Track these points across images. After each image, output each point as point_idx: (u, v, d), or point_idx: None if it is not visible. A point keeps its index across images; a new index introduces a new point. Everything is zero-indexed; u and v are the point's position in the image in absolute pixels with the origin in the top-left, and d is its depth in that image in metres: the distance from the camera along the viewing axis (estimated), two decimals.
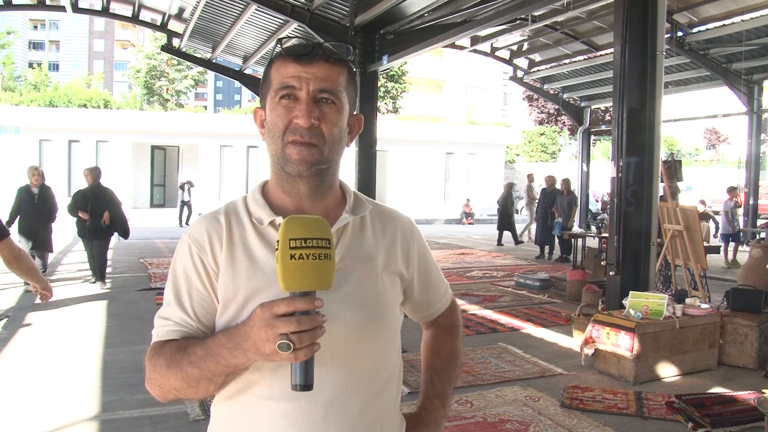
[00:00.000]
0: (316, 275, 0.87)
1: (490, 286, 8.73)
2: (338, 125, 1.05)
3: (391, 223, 1.16)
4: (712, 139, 47.80)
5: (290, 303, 0.86)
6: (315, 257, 0.87)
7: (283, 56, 1.05)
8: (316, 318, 0.86)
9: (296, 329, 0.84)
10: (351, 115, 1.10)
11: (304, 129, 1.01)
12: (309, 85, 1.02)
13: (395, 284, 1.12)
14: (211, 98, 66.56)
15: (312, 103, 1.02)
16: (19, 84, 39.75)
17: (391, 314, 1.09)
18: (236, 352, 0.91)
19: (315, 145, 1.02)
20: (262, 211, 1.07)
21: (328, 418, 1.00)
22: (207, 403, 3.87)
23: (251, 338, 0.88)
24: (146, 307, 6.86)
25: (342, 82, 1.05)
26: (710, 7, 10.66)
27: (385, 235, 1.13)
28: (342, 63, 1.06)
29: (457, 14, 9.84)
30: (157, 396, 1.02)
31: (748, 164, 14.25)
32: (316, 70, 1.03)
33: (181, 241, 1.08)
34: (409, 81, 32.01)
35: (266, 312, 0.86)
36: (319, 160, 1.03)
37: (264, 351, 0.87)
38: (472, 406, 3.99)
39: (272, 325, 0.85)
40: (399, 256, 1.14)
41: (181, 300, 1.04)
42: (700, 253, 6.45)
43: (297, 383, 0.88)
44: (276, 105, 1.04)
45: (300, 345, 0.84)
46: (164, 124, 22.58)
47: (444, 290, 1.29)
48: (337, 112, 1.04)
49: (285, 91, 1.03)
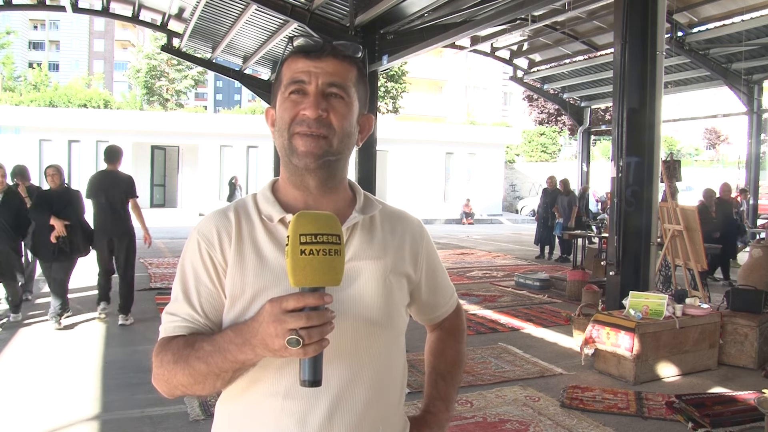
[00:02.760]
0: (326, 271, 0.87)
1: (490, 286, 8.73)
2: (347, 118, 1.05)
3: (401, 224, 1.16)
4: (712, 139, 47.77)
5: (299, 298, 0.86)
6: (325, 253, 0.87)
7: (293, 54, 1.06)
8: (326, 314, 0.86)
9: (305, 325, 0.84)
10: (361, 114, 1.10)
11: (311, 120, 1.01)
12: (318, 78, 1.03)
13: (402, 285, 1.12)
14: (211, 98, 66.54)
15: (320, 96, 1.03)
16: (19, 84, 39.71)
17: (397, 315, 1.10)
18: (245, 347, 0.91)
19: (324, 137, 1.02)
20: (272, 208, 1.07)
21: (334, 415, 1.00)
22: (207, 402, 3.87)
23: (260, 333, 0.88)
24: (146, 307, 6.85)
25: (351, 78, 1.06)
26: (710, 7, 10.66)
27: (394, 236, 1.13)
28: (351, 61, 1.07)
29: (457, 14, 9.83)
30: (164, 392, 1.02)
31: (748, 164, 14.25)
32: (326, 65, 1.04)
33: (190, 237, 1.08)
34: (409, 81, 31.99)
35: (275, 307, 0.86)
36: (328, 152, 1.03)
37: (273, 346, 0.87)
38: (472, 406, 3.99)
39: (281, 321, 0.85)
40: (407, 258, 1.14)
41: (189, 296, 1.04)
42: (700, 253, 6.45)
43: (305, 379, 0.88)
44: (285, 99, 1.05)
45: (309, 341, 0.84)
46: (164, 124, 22.57)
47: (450, 294, 1.29)
48: (346, 106, 1.05)
49: (294, 86, 1.04)
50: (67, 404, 3.96)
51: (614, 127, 5.85)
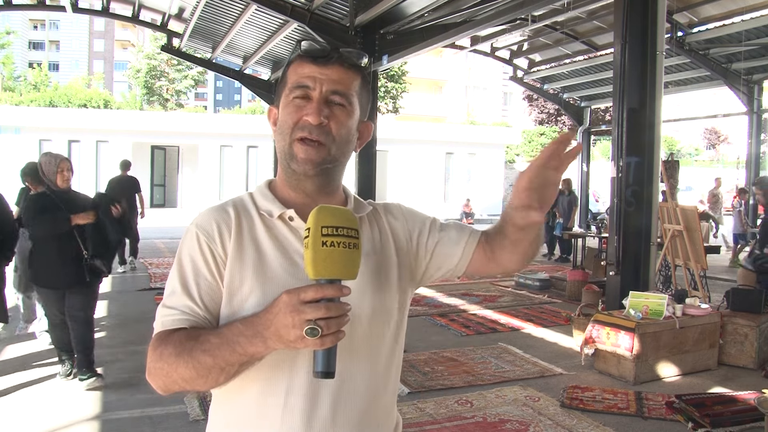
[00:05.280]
0: (345, 263, 0.88)
1: (490, 286, 8.73)
2: (347, 127, 1.07)
3: (388, 216, 1.18)
4: (712, 139, 47.76)
5: (318, 289, 0.86)
6: (345, 246, 0.88)
7: (301, 57, 1.08)
8: (343, 306, 0.87)
9: (325, 315, 0.85)
10: (361, 121, 1.12)
11: (312, 126, 1.04)
12: (323, 85, 1.05)
13: (402, 276, 1.14)
14: (211, 98, 66.51)
15: (323, 103, 1.05)
16: (19, 84, 39.70)
17: (392, 310, 1.11)
18: (255, 339, 0.90)
19: (322, 144, 1.05)
20: (271, 204, 1.09)
21: (337, 410, 1.02)
22: (207, 402, 3.87)
23: (274, 324, 0.88)
24: (146, 307, 6.85)
25: (355, 86, 1.09)
26: (710, 7, 10.65)
27: (384, 230, 1.15)
28: (357, 69, 1.09)
29: (457, 14, 9.83)
30: (159, 387, 1.00)
31: (748, 164, 14.24)
32: (331, 72, 1.06)
33: (188, 231, 1.08)
34: (409, 81, 31.99)
35: (293, 298, 0.86)
36: (326, 159, 1.06)
37: (288, 337, 0.87)
38: (472, 406, 3.99)
39: (300, 311, 0.85)
40: (401, 243, 1.15)
41: (188, 288, 1.03)
42: (700, 253, 6.45)
43: (320, 370, 0.89)
44: (289, 103, 1.07)
45: (327, 331, 0.85)
46: (164, 124, 22.58)
47: (467, 229, 1.19)
48: (347, 115, 1.07)
49: (299, 91, 1.06)
50: (67, 404, 3.96)
51: (614, 127, 5.85)
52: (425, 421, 3.71)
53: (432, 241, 1.17)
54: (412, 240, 1.17)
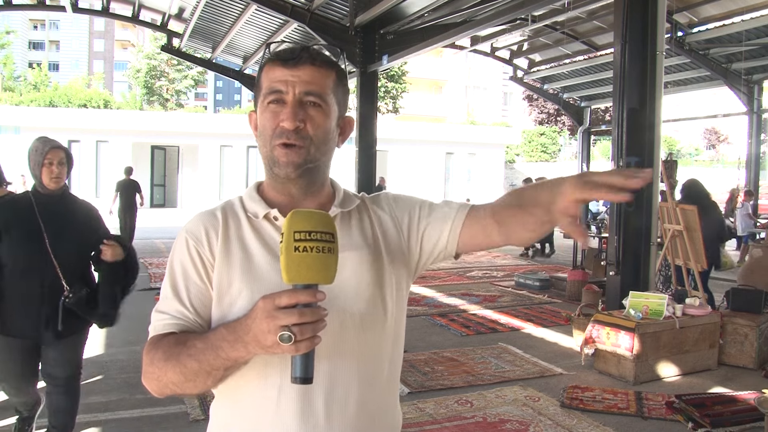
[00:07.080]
0: (319, 268, 0.88)
1: (490, 286, 8.73)
2: (323, 127, 1.07)
3: (374, 208, 1.17)
4: (712, 139, 47.79)
5: (292, 295, 0.86)
6: (319, 250, 0.87)
7: (271, 61, 1.08)
8: (318, 311, 0.87)
9: (298, 321, 0.85)
10: (341, 116, 1.12)
11: (290, 131, 1.04)
12: (295, 88, 1.04)
13: (397, 267, 1.12)
14: (211, 98, 66.51)
15: (297, 106, 1.04)
16: (19, 84, 39.74)
17: (385, 304, 1.09)
18: (237, 344, 0.91)
19: (301, 147, 1.04)
20: (257, 205, 1.09)
21: (331, 409, 1.01)
22: (207, 403, 3.87)
23: (252, 330, 0.88)
24: (146, 307, 6.80)
25: (329, 84, 1.07)
26: (710, 7, 10.65)
27: (372, 223, 1.14)
28: (329, 66, 1.08)
29: (457, 14, 9.84)
30: (154, 390, 1.02)
31: (748, 164, 14.26)
32: (302, 74, 1.05)
33: (178, 236, 1.09)
34: (409, 81, 32.03)
35: (268, 303, 0.87)
36: (306, 160, 1.05)
37: (265, 343, 0.87)
38: (472, 406, 3.99)
39: (274, 317, 0.85)
40: (391, 235, 1.14)
41: (178, 293, 1.05)
42: (700, 253, 6.45)
43: (297, 376, 0.89)
44: (265, 109, 1.07)
45: (301, 337, 0.85)
46: (164, 124, 22.60)
47: (455, 205, 1.16)
48: (324, 115, 1.06)
49: (273, 96, 1.05)
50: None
51: (614, 127, 5.85)
52: (425, 421, 3.71)
53: (421, 227, 1.15)
54: (402, 230, 1.15)
